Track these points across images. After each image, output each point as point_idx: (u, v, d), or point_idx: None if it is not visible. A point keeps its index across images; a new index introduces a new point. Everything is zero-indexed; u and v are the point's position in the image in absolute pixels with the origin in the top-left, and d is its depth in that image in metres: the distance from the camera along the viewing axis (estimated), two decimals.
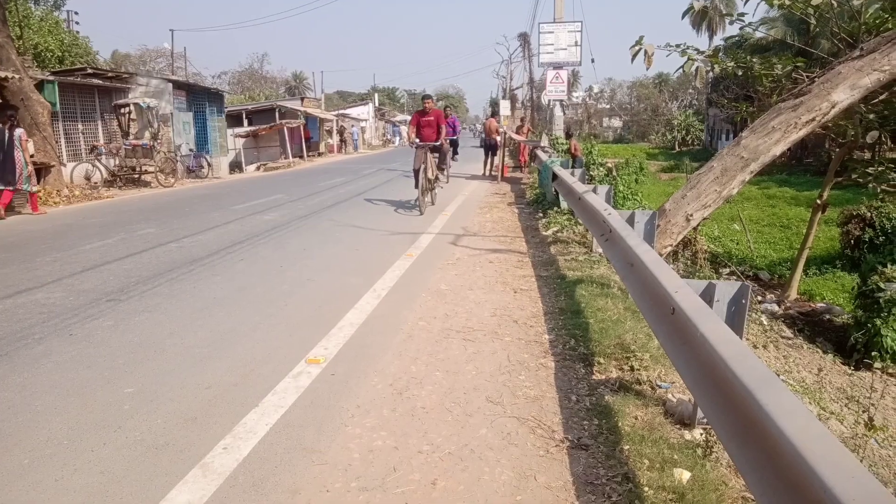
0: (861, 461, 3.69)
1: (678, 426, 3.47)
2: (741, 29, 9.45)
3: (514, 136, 21.21)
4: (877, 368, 6.56)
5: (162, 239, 8.90)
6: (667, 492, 2.75)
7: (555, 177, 10.38)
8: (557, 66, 16.95)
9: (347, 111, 50.31)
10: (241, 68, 64.78)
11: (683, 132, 49.32)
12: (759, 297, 9.36)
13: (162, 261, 7.47)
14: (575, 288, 6.04)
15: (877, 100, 8.28)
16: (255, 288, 6.30)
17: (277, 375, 4.01)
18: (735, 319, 3.30)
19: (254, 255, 7.88)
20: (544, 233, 9.31)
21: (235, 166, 25.63)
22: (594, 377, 4.08)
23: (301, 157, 30.66)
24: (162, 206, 13.01)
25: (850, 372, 6.76)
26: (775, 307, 8.90)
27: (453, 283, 6.38)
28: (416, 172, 11.24)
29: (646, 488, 2.78)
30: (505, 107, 24.45)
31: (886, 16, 7.66)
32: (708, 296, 3.29)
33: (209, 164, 21.29)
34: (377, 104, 63.29)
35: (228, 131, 25.66)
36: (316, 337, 4.70)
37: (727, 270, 10.51)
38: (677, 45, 8.25)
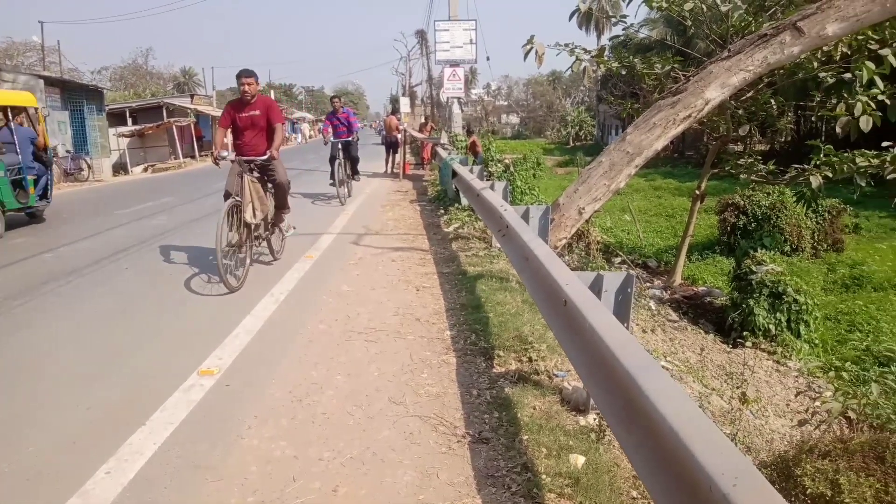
0: (736, 433, 4.01)
1: (574, 413, 3.61)
2: (624, 29, 9.95)
3: (414, 134, 21.25)
4: (748, 347, 7.13)
5: (34, 249, 8.19)
6: (563, 477, 2.84)
7: (454, 174, 10.50)
8: (454, 64, 17.15)
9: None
10: (123, 63, 60.64)
11: (577, 128, 51.41)
12: (648, 284, 9.92)
13: (36, 273, 6.87)
14: (476, 283, 6.14)
15: (745, 97, 9.00)
16: (143, 298, 5.93)
17: (167, 390, 3.79)
18: (622, 307, 3.46)
19: (141, 262, 7.42)
20: (446, 229, 9.40)
21: (120, 168, 24.04)
22: (494, 370, 4.16)
23: (193, 157, 29.21)
24: None
25: (728, 350, 7.31)
26: (662, 293, 9.46)
27: (355, 284, 6.31)
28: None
29: (543, 476, 2.87)
30: (405, 104, 24.41)
31: (750, 19, 8.31)
32: (597, 287, 3.43)
33: (89, 167, 19.84)
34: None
35: (111, 131, 23.99)
36: (209, 347, 4.49)
37: (619, 260, 11.06)
38: (566, 45, 8.58)
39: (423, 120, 30.66)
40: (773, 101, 9.03)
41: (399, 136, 17.97)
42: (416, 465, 2.99)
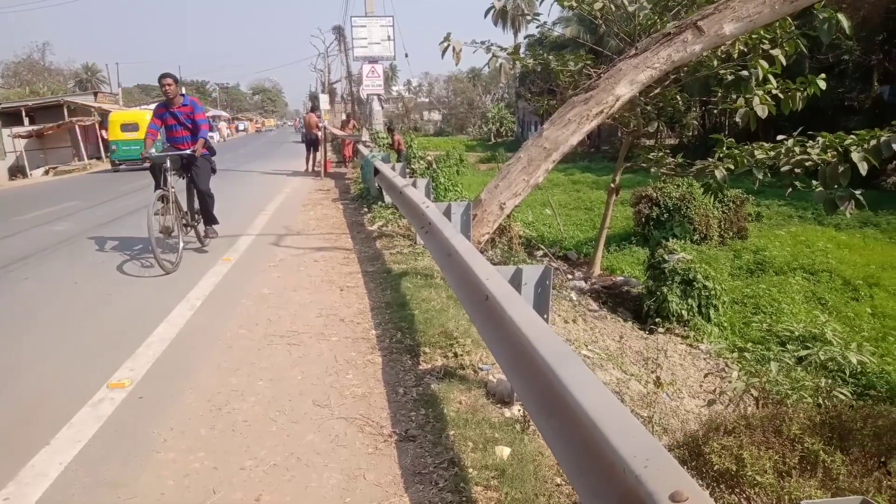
0: (652, 415, 4.19)
1: (499, 405, 3.66)
2: (537, 27, 10.16)
3: (334, 131, 20.95)
4: (661, 332, 7.47)
5: None
6: (489, 470, 2.88)
7: (377, 171, 10.42)
8: (372, 61, 16.99)
9: (151, 107, 46.19)
10: (17, 59, 56.50)
11: (497, 124, 52.16)
12: (569, 276, 10.21)
13: None
14: (401, 281, 6.12)
15: (653, 93, 9.39)
16: (45, 309, 5.56)
17: (74, 406, 3.57)
18: (542, 299, 3.54)
19: (43, 271, 6.95)
20: (370, 228, 9.32)
21: (18, 171, 22.44)
22: (421, 367, 4.17)
23: (98, 158, 27.63)
24: None
25: (645, 336, 7.63)
26: (583, 283, 9.77)
27: (276, 286, 6.15)
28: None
29: (470, 470, 2.90)
30: (325, 101, 24.00)
31: (655, 18, 8.67)
32: (517, 280, 3.49)
33: None
34: None
35: (4, 131, 22.35)
36: (120, 358, 4.26)
37: (541, 253, 11.33)
38: (483, 43, 8.67)
39: (344, 117, 30.26)
40: (679, 97, 9.47)
41: (319, 133, 17.66)
42: (342, 467, 2.95)
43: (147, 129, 7.10)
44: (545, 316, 3.52)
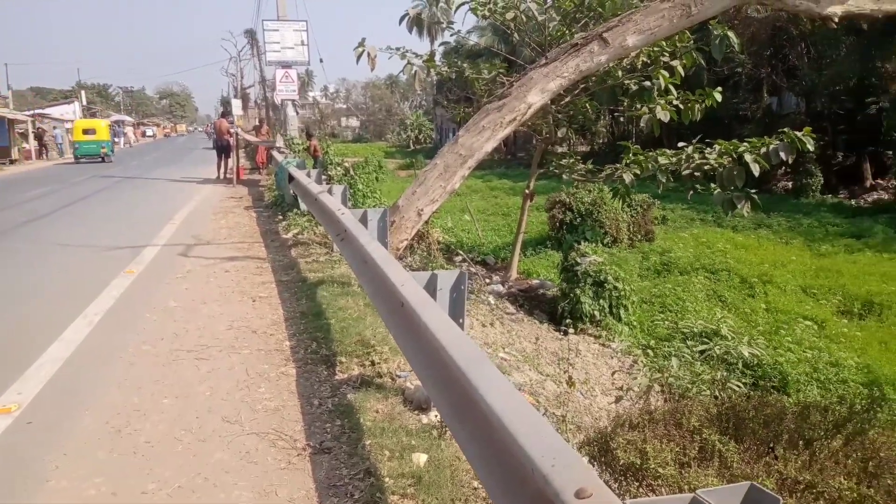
0: (565, 414, 4.29)
1: (417, 412, 3.64)
2: (452, 35, 10.28)
3: (247, 137, 20.34)
4: (573, 333, 7.70)
5: None
6: (406, 478, 2.86)
7: (291, 178, 10.19)
8: (286, 66, 16.62)
9: (47, 111, 43.30)
10: None
11: (416, 131, 52.32)
12: (487, 280, 10.34)
13: None
14: (316, 290, 6.00)
15: (564, 101, 9.70)
16: None
17: None
18: (457, 304, 3.57)
19: None
20: (285, 236, 9.10)
21: None
22: (337, 377, 4.09)
23: None
24: None
25: (560, 337, 7.83)
26: (500, 287, 9.92)
27: (183, 299, 5.87)
28: None
29: (386, 479, 2.86)
30: (237, 106, 23.23)
31: (564, 29, 8.97)
32: (432, 286, 3.50)
33: None
34: (85, 103, 55.58)
35: None
36: (5, 382, 3.93)
37: (460, 258, 11.43)
38: (398, 49, 8.67)
39: (256, 122, 29.46)
40: (588, 105, 9.83)
41: (231, 139, 17.09)
42: (253, 485, 2.84)
43: None
44: (461, 320, 3.55)
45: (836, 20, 7.03)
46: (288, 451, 3.14)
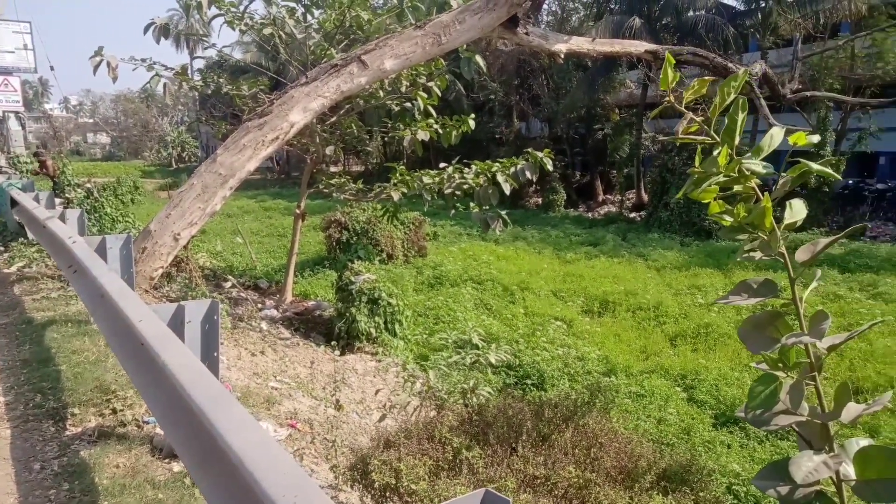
0: (335, 438, 4.20)
1: (167, 460, 3.27)
2: (204, 49, 9.70)
3: None
4: (349, 354, 7.68)
5: None
6: None
7: (15, 203, 8.70)
8: (5, 72, 14.22)
9: None
10: None
11: (179, 149, 48.49)
12: (260, 305, 9.86)
13: None
14: (45, 332, 5.14)
15: (330, 121, 9.69)
16: None
17: None
18: (210, 336, 3.29)
19: None
20: (6, 270, 7.71)
21: None
22: (68, 433, 3.52)
23: None
24: None
25: (336, 359, 7.73)
26: (274, 312, 9.52)
27: None
28: None
29: None
30: None
31: (327, 47, 8.98)
32: (178, 319, 3.18)
33: None
34: None
35: None
36: None
37: (229, 284, 10.76)
38: (143, 60, 7.92)
39: None
40: (355, 125, 9.95)
41: None
42: None
43: None
44: (215, 354, 3.29)
45: (563, 56, 8.04)
46: None
